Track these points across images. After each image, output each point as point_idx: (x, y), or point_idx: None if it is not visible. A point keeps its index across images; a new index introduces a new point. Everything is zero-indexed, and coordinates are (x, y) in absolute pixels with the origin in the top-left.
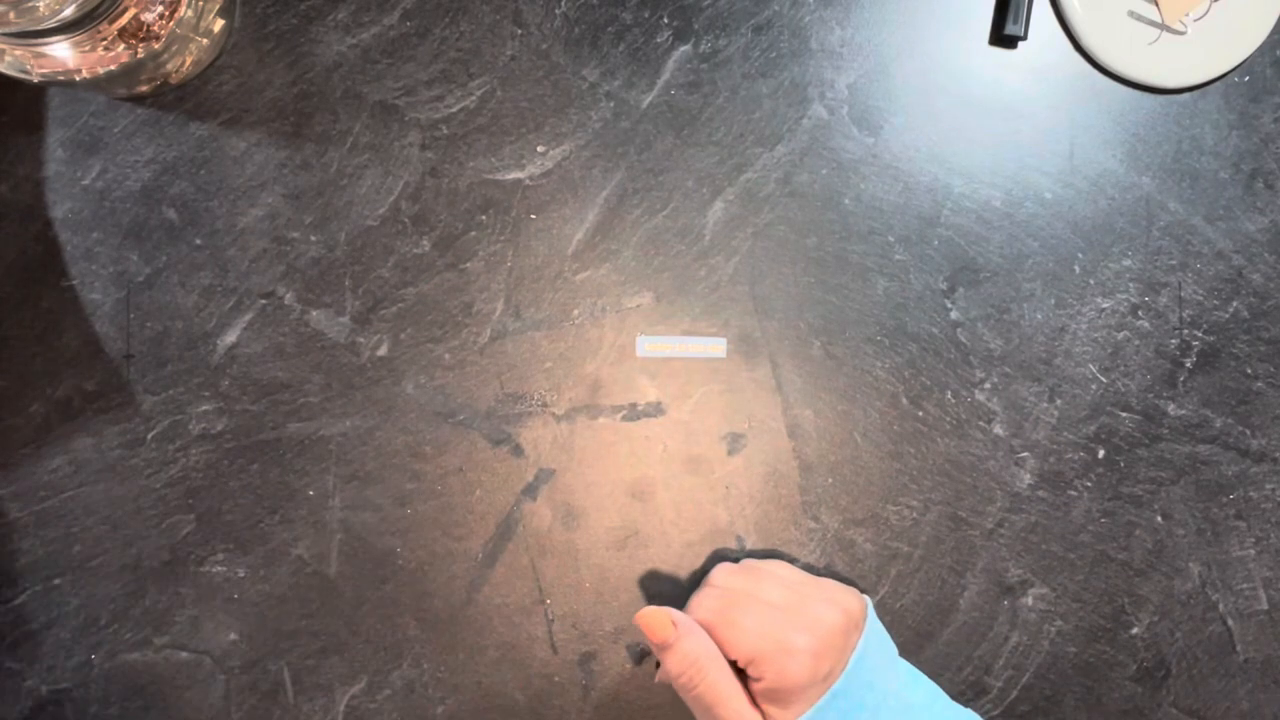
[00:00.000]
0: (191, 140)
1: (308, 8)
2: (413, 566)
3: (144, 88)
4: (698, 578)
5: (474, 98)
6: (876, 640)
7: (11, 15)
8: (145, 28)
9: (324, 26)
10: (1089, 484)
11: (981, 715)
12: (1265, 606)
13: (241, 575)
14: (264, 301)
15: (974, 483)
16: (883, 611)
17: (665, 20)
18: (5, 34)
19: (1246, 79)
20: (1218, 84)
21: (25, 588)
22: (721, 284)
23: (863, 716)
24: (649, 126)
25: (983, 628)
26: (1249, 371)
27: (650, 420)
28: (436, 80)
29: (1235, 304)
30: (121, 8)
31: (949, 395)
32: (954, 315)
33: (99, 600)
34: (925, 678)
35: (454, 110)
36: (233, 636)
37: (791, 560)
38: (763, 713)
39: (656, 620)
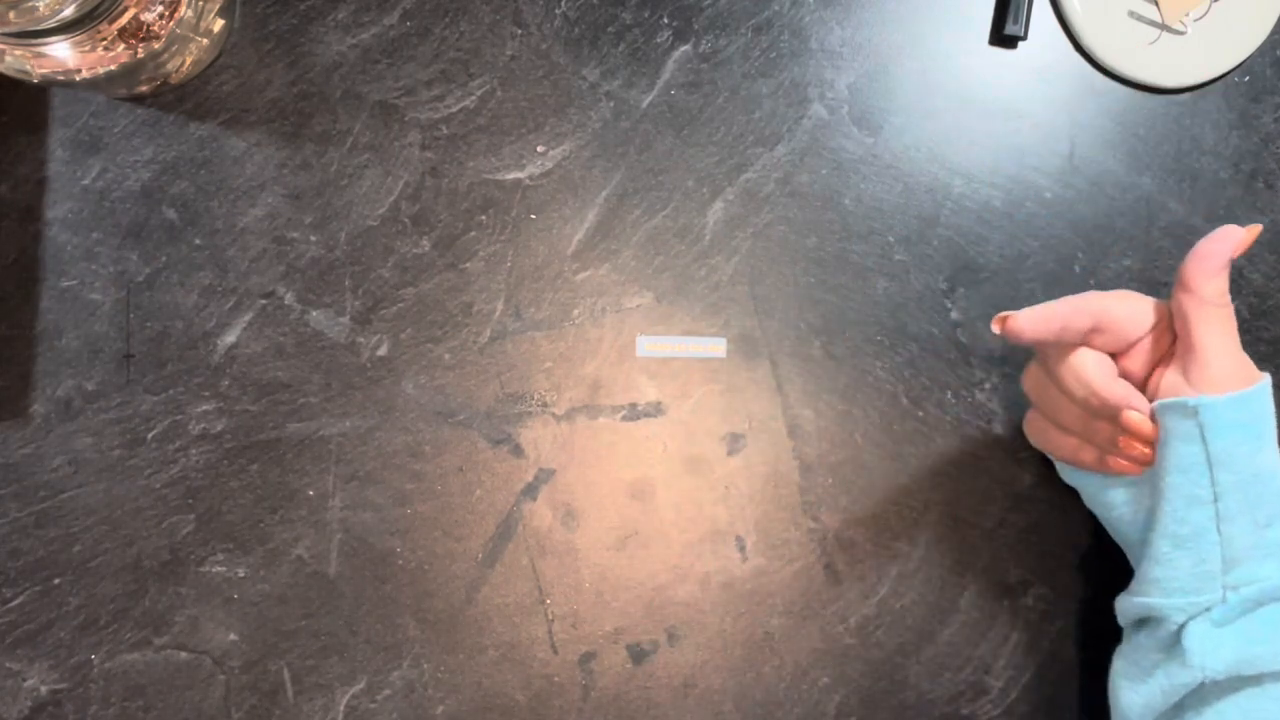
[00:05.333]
0: (191, 140)
1: (308, 8)
2: (413, 566)
3: (144, 88)
4: (698, 577)
5: (474, 98)
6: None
7: (11, 15)
8: (145, 28)
9: (324, 26)
10: None
11: (981, 715)
12: None
13: (241, 575)
14: (264, 301)
15: (974, 483)
16: (883, 611)
17: (665, 20)
18: (5, 34)
19: (1246, 79)
20: (1218, 84)
21: (25, 588)
22: (721, 284)
23: (1265, 429)
24: (649, 126)
25: (983, 628)
26: None
27: (650, 420)
28: (436, 80)
29: (1235, 304)
30: (121, 8)
31: (949, 395)
32: (954, 315)
33: (99, 600)
34: None
35: (454, 110)
36: (233, 636)
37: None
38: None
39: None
